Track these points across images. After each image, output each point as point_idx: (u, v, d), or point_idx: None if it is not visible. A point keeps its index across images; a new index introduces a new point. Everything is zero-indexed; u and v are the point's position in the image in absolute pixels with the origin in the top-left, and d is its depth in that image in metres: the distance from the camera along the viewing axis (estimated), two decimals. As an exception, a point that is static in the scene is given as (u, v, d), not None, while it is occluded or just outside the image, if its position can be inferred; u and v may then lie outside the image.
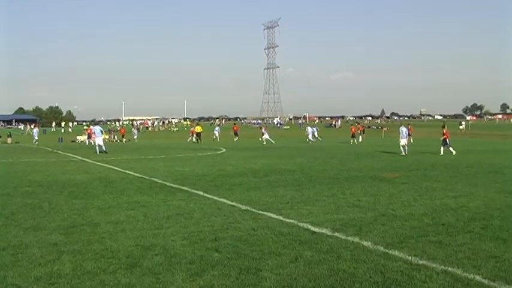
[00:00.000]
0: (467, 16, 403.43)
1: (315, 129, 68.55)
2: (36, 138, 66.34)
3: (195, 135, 66.43)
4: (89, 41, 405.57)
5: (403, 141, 36.62)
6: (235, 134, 71.82)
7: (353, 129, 61.86)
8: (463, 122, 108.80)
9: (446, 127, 39.95)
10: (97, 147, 41.67)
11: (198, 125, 78.31)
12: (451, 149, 35.02)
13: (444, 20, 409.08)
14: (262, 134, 61.89)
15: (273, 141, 59.25)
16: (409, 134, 57.19)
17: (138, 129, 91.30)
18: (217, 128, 75.60)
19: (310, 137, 63.87)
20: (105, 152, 40.38)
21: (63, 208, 13.66)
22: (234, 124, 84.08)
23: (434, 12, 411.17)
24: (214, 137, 69.36)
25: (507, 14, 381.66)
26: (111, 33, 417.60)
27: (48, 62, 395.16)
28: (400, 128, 38.99)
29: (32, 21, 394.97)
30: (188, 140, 68.04)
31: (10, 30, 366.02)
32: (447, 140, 36.12)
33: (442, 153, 34.59)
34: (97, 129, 44.87)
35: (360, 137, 63.45)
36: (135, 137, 75.23)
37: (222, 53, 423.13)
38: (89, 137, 64.75)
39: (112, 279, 7.50)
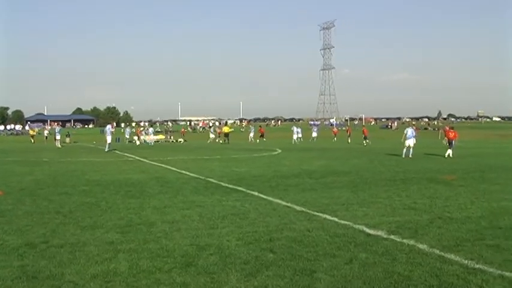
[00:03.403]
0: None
1: (299, 129, 68.74)
2: (58, 137, 58.98)
3: (222, 135, 66.54)
4: (145, 41, 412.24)
5: (407, 143, 35.26)
6: (262, 136, 70.41)
7: (364, 131, 61.04)
8: None
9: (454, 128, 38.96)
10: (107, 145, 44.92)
11: (226, 125, 77.72)
12: (449, 150, 34.11)
13: (502, 19, 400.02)
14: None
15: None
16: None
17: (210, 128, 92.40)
18: (251, 128, 75.58)
19: (295, 137, 64.12)
20: (111, 150, 43.57)
21: (120, 207, 13.84)
22: (260, 126, 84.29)
23: (492, 11, 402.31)
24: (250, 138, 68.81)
25: None
26: (167, 34, 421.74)
27: (106, 62, 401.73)
28: (406, 129, 37.87)
29: (92, 22, 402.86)
30: (208, 141, 67.95)
31: (67, 31, 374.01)
32: (453, 141, 35.58)
33: (449, 155, 33.65)
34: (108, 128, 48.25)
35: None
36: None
37: (278, 54, 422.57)
38: (138, 137, 66.97)
39: (167, 278, 7.58)
